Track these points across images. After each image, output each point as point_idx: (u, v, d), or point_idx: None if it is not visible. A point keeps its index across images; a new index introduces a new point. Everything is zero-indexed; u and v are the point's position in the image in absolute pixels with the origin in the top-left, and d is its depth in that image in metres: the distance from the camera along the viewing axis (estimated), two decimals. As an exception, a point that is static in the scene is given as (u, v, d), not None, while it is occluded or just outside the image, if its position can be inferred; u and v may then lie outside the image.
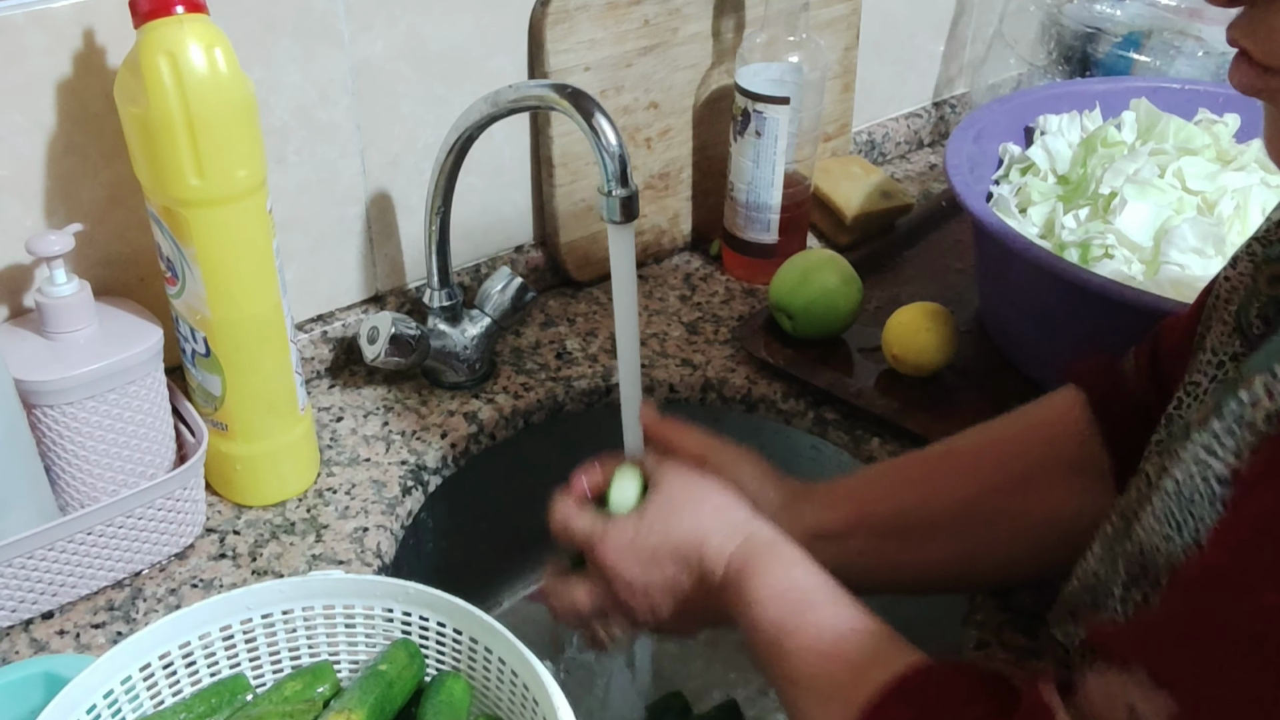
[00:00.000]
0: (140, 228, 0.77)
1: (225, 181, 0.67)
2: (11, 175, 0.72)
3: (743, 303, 1.03)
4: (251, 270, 0.71)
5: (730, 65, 1.04)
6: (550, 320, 1.00)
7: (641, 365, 0.83)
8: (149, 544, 0.72)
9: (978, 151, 0.94)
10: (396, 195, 0.91)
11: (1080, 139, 0.96)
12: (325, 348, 0.91)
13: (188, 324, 0.73)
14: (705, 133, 1.07)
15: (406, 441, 0.85)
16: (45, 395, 0.68)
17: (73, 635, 0.69)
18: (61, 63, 0.71)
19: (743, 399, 0.93)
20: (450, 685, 0.59)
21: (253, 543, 0.76)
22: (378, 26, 0.84)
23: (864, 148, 1.27)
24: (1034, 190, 0.93)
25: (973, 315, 0.97)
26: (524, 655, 0.56)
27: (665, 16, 0.98)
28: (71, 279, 0.69)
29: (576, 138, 0.96)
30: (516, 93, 0.77)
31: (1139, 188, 0.85)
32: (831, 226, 1.12)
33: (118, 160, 0.75)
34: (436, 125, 0.90)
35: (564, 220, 1.00)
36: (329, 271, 0.90)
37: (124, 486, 0.72)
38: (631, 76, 0.98)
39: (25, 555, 0.67)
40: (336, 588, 0.61)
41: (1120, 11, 1.14)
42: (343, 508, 0.79)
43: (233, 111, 0.66)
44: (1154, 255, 0.82)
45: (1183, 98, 0.98)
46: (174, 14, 0.64)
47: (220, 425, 0.76)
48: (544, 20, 0.91)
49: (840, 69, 1.15)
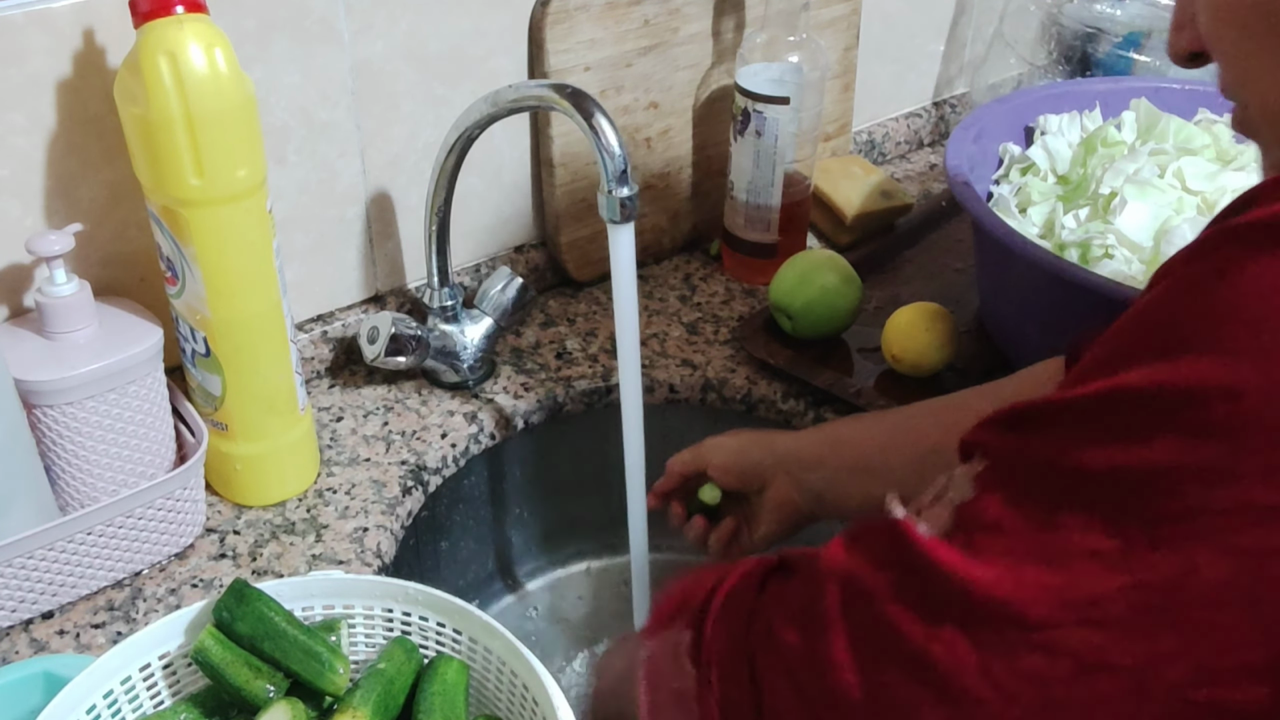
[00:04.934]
0: (140, 228, 0.77)
1: (225, 181, 0.67)
2: (11, 175, 0.72)
3: (743, 303, 1.03)
4: (251, 270, 0.71)
5: (730, 65, 1.04)
6: (550, 320, 1.00)
7: (641, 365, 0.83)
8: (149, 544, 0.72)
9: (978, 151, 0.94)
10: (396, 195, 0.91)
11: (1080, 139, 0.96)
12: (325, 348, 0.91)
13: (188, 324, 0.73)
14: (705, 133, 1.07)
15: (406, 441, 0.85)
16: (45, 395, 0.68)
17: (73, 635, 0.69)
18: (61, 63, 0.71)
19: (743, 399, 0.93)
20: (444, 668, 0.60)
21: (253, 543, 0.76)
22: (378, 26, 0.84)
23: (864, 148, 1.27)
24: (1034, 190, 0.93)
25: (973, 315, 0.97)
26: (524, 655, 0.56)
27: (665, 16, 0.98)
28: (71, 279, 0.69)
29: (576, 138, 0.96)
30: (516, 93, 0.77)
31: (1139, 188, 0.85)
32: (831, 226, 1.12)
33: (118, 160, 0.75)
34: (436, 125, 0.90)
35: (564, 220, 1.00)
36: (329, 271, 0.90)
37: (124, 486, 0.72)
38: (631, 76, 0.98)
39: (25, 555, 0.67)
40: (336, 588, 0.61)
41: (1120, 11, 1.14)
42: (343, 508, 0.79)
43: (233, 111, 0.66)
44: (1154, 255, 0.82)
45: (1183, 98, 0.98)
46: (174, 14, 0.64)
47: (220, 425, 0.76)
48: (544, 20, 0.91)
49: (840, 69, 1.15)
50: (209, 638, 0.57)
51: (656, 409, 0.92)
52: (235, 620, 0.57)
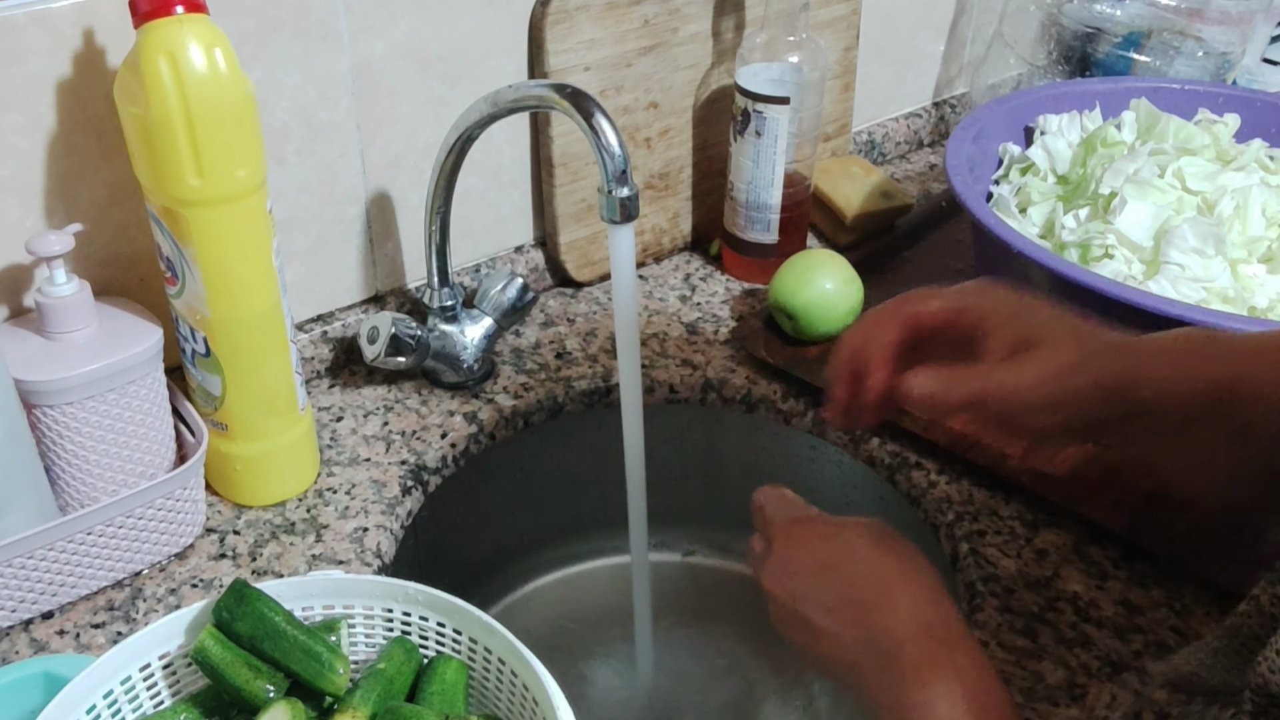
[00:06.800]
0: (140, 228, 0.77)
1: (225, 181, 0.67)
2: (11, 175, 0.72)
3: (743, 303, 1.03)
4: (251, 270, 0.71)
5: (730, 65, 1.04)
6: (550, 320, 1.00)
7: (641, 365, 0.83)
8: (149, 544, 0.73)
9: (978, 151, 0.94)
10: (396, 195, 0.91)
11: (1080, 139, 0.96)
12: (325, 348, 0.91)
13: (188, 324, 0.73)
14: (705, 133, 1.07)
15: (406, 441, 0.85)
16: (45, 395, 0.68)
17: (73, 635, 0.69)
18: (61, 63, 0.71)
19: (743, 399, 0.93)
20: (444, 668, 0.60)
21: (253, 543, 0.76)
22: (378, 26, 0.84)
23: (864, 148, 1.27)
24: (1034, 190, 0.93)
25: (973, 315, 0.96)
26: (524, 655, 0.56)
27: (665, 16, 0.98)
28: (71, 279, 0.69)
29: (576, 138, 0.96)
30: (516, 93, 0.77)
31: (1139, 188, 0.85)
32: (831, 226, 1.12)
33: (118, 160, 0.75)
34: (436, 125, 0.90)
35: (564, 220, 1.00)
36: (329, 271, 0.90)
37: (124, 486, 0.72)
38: (631, 76, 0.98)
39: (25, 555, 0.67)
40: (336, 588, 0.61)
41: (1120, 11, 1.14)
42: (343, 508, 0.79)
43: (233, 111, 0.66)
44: (1154, 255, 0.82)
45: (1183, 98, 0.98)
46: (174, 14, 0.64)
47: (220, 425, 0.76)
48: (544, 20, 0.91)
49: (840, 69, 1.15)
50: (209, 638, 0.57)
51: (656, 409, 0.92)
52: (235, 620, 0.57)
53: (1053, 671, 0.67)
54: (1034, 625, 0.70)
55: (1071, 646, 0.69)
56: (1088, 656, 0.68)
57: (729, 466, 0.99)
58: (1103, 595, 0.72)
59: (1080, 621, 0.70)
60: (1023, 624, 0.70)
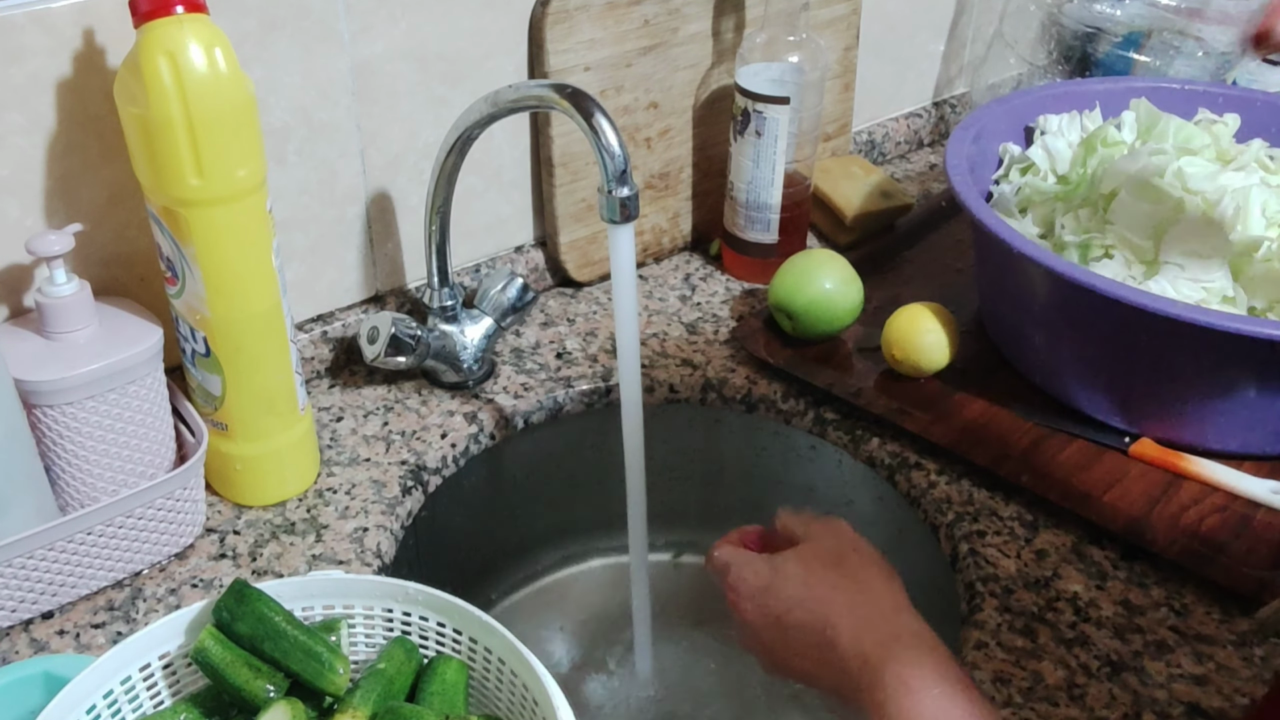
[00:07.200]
0: (140, 228, 0.77)
1: (225, 181, 0.67)
2: (11, 175, 0.72)
3: (743, 303, 1.03)
4: (251, 270, 0.71)
5: (730, 65, 1.04)
6: (550, 320, 1.00)
7: (641, 365, 0.83)
8: (149, 544, 0.73)
9: (978, 151, 0.94)
10: (396, 195, 0.91)
11: (1080, 139, 0.96)
12: (325, 348, 0.91)
13: (188, 324, 0.73)
14: (705, 133, 1.07)
15: (406, 441, 0.85)
16: (45, 395, 0.68)
17: (73, 635, 0.69)
18: (61, 63, 0.71)
19: (743, 399, 0.93)
20: (444, 668, 0.60)
21: (253, 543, 0.76)
22: (378, 26, 0.84)
23: (864, 148, 1.27)
24: (1034, 190, 0.93)
25: (973, 315, 0.97)
26: (524, 655, 0.56)
27: (665, 16, 0.98)
28: (71, 279, 0.69)
29: (576, 138, 0.96)
30: (516, 93, 0.77)
31: (1139, 188, 0.85)
32: (831, 226, 1.12)
33: (118, 160, 0.75)
34: (436, 125, 0.90)
35: (564, 220, 1.00)
36: (329, 271, 0.90)
37: (124, 486, 0.72)
38: (631, 76, 0.98)
39: (25, 555, 0.67)
40: (336, 588, 0.61)
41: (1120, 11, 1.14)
42: (343, 508, 0.79)
43: (233, 111, 0.66)
44: (1154, 255, 0.83)
45: (1183, 98, 0.98)
46: (174, 14, 0.64)
47: (220, 425, 0.76)
48: (544, 20, 0.91)
49: (840, 69, 1.15)
50: (209, 638, 0.57)
51: (656, 409, 0.93)
52: (235, 620, 0.57)
53: (1052, 671, 0.67)
54: (1033, 625, 0.70)
55: (1071, 646, 0.69)
56: (1087, 656, 0.68)
57: (729, 466, 0.99)
58: (1102, 595, 0.72)
59: (1080, 621, 0.70)
60: (1022, 624, 0.70)
